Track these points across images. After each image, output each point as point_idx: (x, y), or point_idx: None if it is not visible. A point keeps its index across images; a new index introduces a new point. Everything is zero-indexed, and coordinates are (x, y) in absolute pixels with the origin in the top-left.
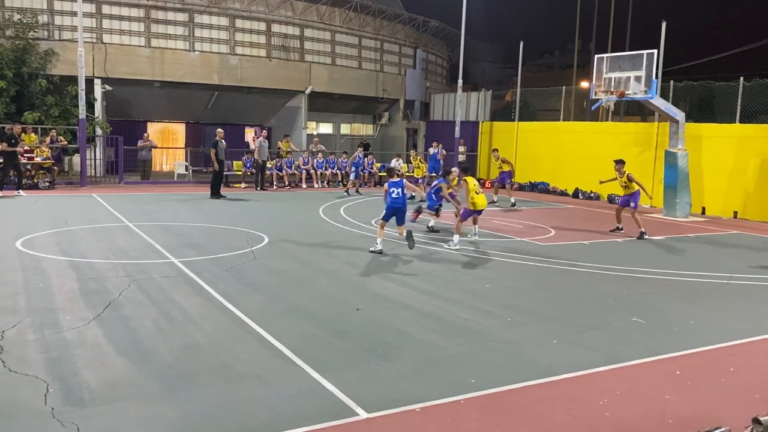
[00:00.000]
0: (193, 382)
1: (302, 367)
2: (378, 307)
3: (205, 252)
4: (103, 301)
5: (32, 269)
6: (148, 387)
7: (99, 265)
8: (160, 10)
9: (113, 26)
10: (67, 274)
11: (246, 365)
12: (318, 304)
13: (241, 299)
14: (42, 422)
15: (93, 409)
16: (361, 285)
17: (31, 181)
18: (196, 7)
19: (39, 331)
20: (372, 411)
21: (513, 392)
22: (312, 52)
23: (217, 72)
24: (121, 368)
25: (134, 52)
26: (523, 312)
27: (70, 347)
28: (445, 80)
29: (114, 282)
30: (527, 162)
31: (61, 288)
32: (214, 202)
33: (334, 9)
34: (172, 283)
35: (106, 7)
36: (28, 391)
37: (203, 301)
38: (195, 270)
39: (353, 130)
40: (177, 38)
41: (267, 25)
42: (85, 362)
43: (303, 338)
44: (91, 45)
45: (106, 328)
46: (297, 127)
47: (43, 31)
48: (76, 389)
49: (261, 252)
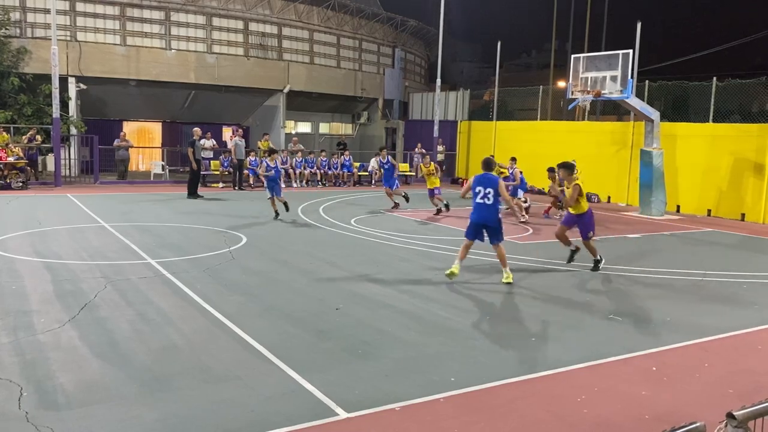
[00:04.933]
0: (171, 384)
1: (281, 367)
2: (357, 306)
3: (183, 252)
4: (78, 303)
5: (5, 271)
6: (125, 389)
7: (74, 267)
8: (136, 8)
9: (87, 24)
10: (41, 275)
11: (225, 366)
12: (297, 304)
13: (219, 300)
14: (16, 426)
15: (68, 413)
16: (341, 285)
17: (4, 181)
18: (172, 5)
19: (12, 333)
20: (352, 411)
21: (492, 390)
22: (290, 51)
23: (194, 71)
24: (97, 371)
25: (109, 51)
26: (502, 310)
27: (45, 350)
28: (423, 79)
29: (90, 283)
30: (505, 161)
31: (35, 290)
32: (192, 201)
33: (312, 8)
34: (148, 284)
35: (80, 4)
36: (1, 395)
37: (181, 302)
38: (172, 271)
39: (332, 129)
40: (153, 36)
41: (244, 23)
42: (60, 365)
43: (282, 339)
44: (65, 43)
45: (81, 330)
46: (275, 126)
47: (16, 29)
48: (51, 393)
49: (239, 252)
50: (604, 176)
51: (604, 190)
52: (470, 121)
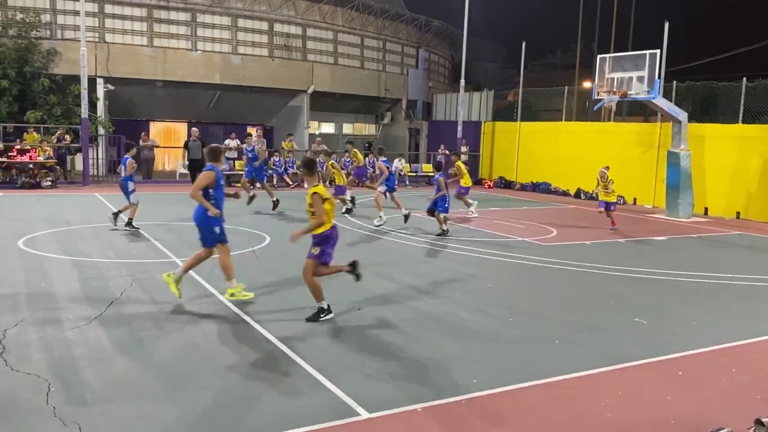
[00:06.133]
0: (194, 381)
1: (303, 366)
2: (379, 307)
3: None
4: (104, 301)
5: (34, 268)
6: (149, 386)
7: (101, 265)
8: (163, 10)
9: (116, 25)
10: (69, 273)
11: (247, 364)
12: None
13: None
14: (44, 421)
15: (94, 408)
16: (363, 285)
17: (34, 180)
18: (198, 7)
19: (41, 330)
20: (373, 411)
21: (514, 392)
22: (314, 52)
23: (220, 71)
24: (122, 367)
25: (137, 52)
26: (524, 312)
27: (72, 346)
28: (447, 80)
29: (116, 281)
30: (529, 162)
31: (63, 287)
32: None
33: (336, 8)
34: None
35: (109, 6)
36: (30, 390)
37: (204, 300)
38: (196, 269)
39: (356, 129)
40: (180, 38)
41: (269, 24)
42: (86, 361)
43: (304, 338)
44: (94, 44)
45: (107, 327)
46: (299, 126)
47: (46, 30)
48: (77, 388)
49: (262, 252)
50: (629, 178)
51: (629, 192)
52: (494, 121)
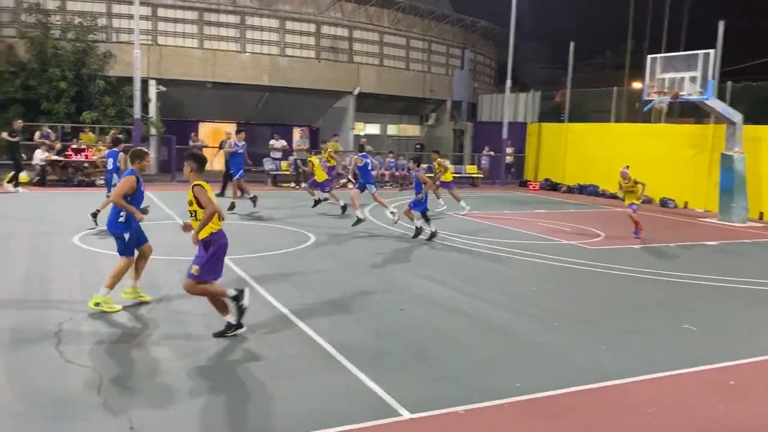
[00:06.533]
0: (237, 375)
1: (345, 365)
2: (421, 308)
3: (253, 250)
4: (154, 296)
5: (87, 264)
6: (195, 379)
7: (151, 262)
8: (213, 13)
9: (168, 28)
10: None
11: (289, 361)
12: (362, 304)
13: (287, 297)
14: (96, 412)
15: (144, 402)
16: (405, 286)
17: (88, 178)
18: (247, 10)
19: (93, 324)
20: (415, 411)
21: (558, 397)
22: (360, 53)
23: (267, 73)
24: (169, 362)
25: (188, 54)
26: (569, 316)
27: (122, 340)
28: (493, 81)
29: (165, 278)
30: (577, 164)
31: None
32: (261, 200)
33: (382, 10)
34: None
35: (162, 9)
36: (83, 382)
37: (250, 296)
38: (243, 267)
39: (400, 130)
40: (229, 40)
41: (316, 26)
42: (136, 355)
43: (346, 337)
44: (147, 47)
45: (156, 322)
46: (344, 127)
47: (102, 34)
48: (127, 381)
49: (306, 251)
50: (680, 181)
51: (680, 195)
52: (540, 123)
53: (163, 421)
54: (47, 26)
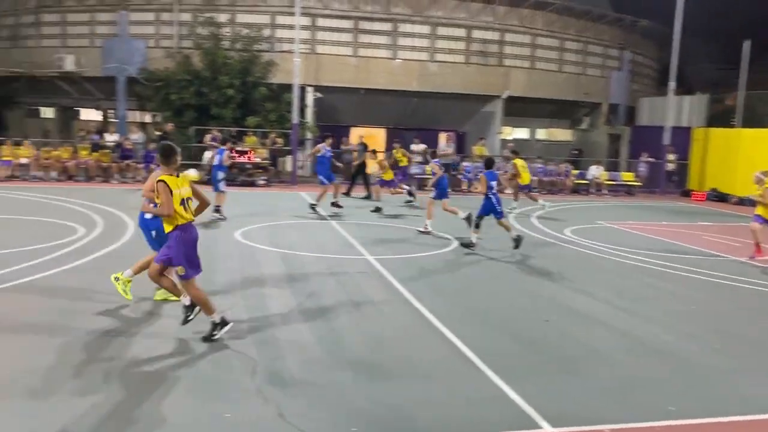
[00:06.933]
0: (380, 375)
1: (486, 372)
2: (569, 320)
3: (398, 251)
4: (305, 291)
5: (247, 257)
6: (341, 375)
7: (303, 258)
8: (367, 21)
9: (325, 38)
10: (276, 264)
11: (430, 364)
12: (506, 312)
13: (430, 299)
14: (249, 397)
15: (292, 391)
16: (552, 296)
17: (249, 178)
18: (399, 17)
19: (250, 313)
20: (557, 425)
21: (719, 426)
22: (510, 57)
23: (417, 79)
24: (318, 355)
25: (343, 62)
26: (734, 339)
27: (276, 331)
28: (653, 83)
29: (315, 274)
30: (750, 174)
31: (271, 276)
32: (409, 201)
33: (536, 12)
34: (366, 278)
35: (320, 20)
36: (240, 367)
37: (394, 297)
38: (388, 268)
39: (550, 135)
40: (381, 47)
41: (467, 31)
42: (287, 346)
43: (488, 344)
44: (306, 55)
45: (306, 315)
46: (491, 132)
47: (266, 44)
48: (278, 370)
49: (451, 255)
50: None
51: None
52: (707, 128)
53: (311, 411)
54: (218, 38)
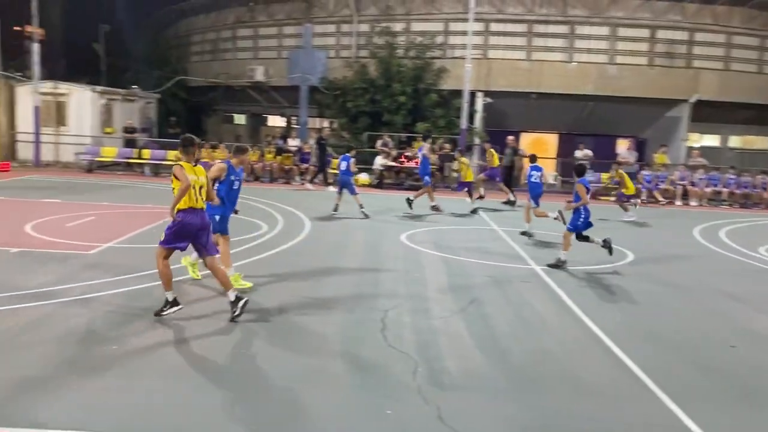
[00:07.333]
0: (540, 388)
1: (659, 395)
2: (757, 347)
3: (568, 263)
4: (467, 297)
5: (411, 260)
6: (500, 384)
7: (466, 263)
8: (542, 24)
9: (498, 42)
10: (439, 268)
11: (596, 382)
12: (682, 333)
13: (599, 314)
14: (409, 395)
15: (451, 394)
16: (736, 319)
17: (417, 182)
18: (576, 19)
19: (413, 315)
20: None
21: None
22: (700, 57)
23: (593, 82)
24: (477, 361)
25: (514, 66)
26: None
27: (437, 334)
28: None
29: (478, 280)
30: None
31: (433, 280)
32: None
33: (732, 9)
34: (531, 288)
35: (494, 24)
36: (400, 366)
37: (560, 310)
38: (555, 279)
39: (745, 143)
40: (556, 50)
41: (650, 31)
42: (447, 350)
43: (663, 366)
44: (477, 61)
45: (468, 321)
46: (676, 138)
47: (438, 51)
48: (438, 373)
49: (624, 269)
50: None
51: None
52: None
53: (470, 418)
54: (393, 46)
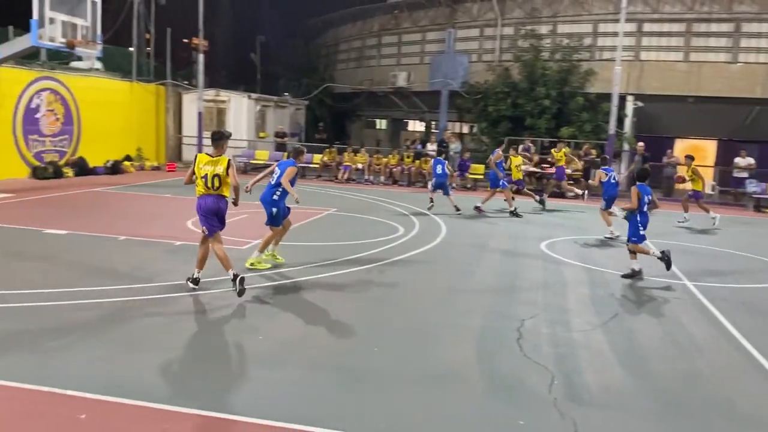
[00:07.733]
0: (690, 412)
1: None
2: None
3: (724, 280)
4: (609, 311)
5: (551, 270)
6: (644, 404)
7: (609, 276)
8: (703, 23)
9: (651, 43)
10: (580, 279)
11: (753, 407)
12: None
13: (758, 335)
14: (544, 408)
15: (590, 410)
16: None
17: (558, 189)
18: (743, 16)
19: (551, 326)
20: None
21: None
22: None
23: (762, 84)
24: (619, 378)
25: (670, 68)
26: None
27: (576, 347)
28: None
29: (621, 294)
30: None
31: (574, 291)
32: (741, 227)
33: None
34: (682, 305)
35: (647, 24)
36: (536, 378)
37: (713, 330)
38: (709, 297)
39: None
40: (718, 50)
41: None
42: (587, 364)
43: None
44: (628, 63)
45: (610, 336)
46: None
47: (586, 53)
48: (577, 387)
49: None
50: None
51: None
52: None
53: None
54: (538, 49)
